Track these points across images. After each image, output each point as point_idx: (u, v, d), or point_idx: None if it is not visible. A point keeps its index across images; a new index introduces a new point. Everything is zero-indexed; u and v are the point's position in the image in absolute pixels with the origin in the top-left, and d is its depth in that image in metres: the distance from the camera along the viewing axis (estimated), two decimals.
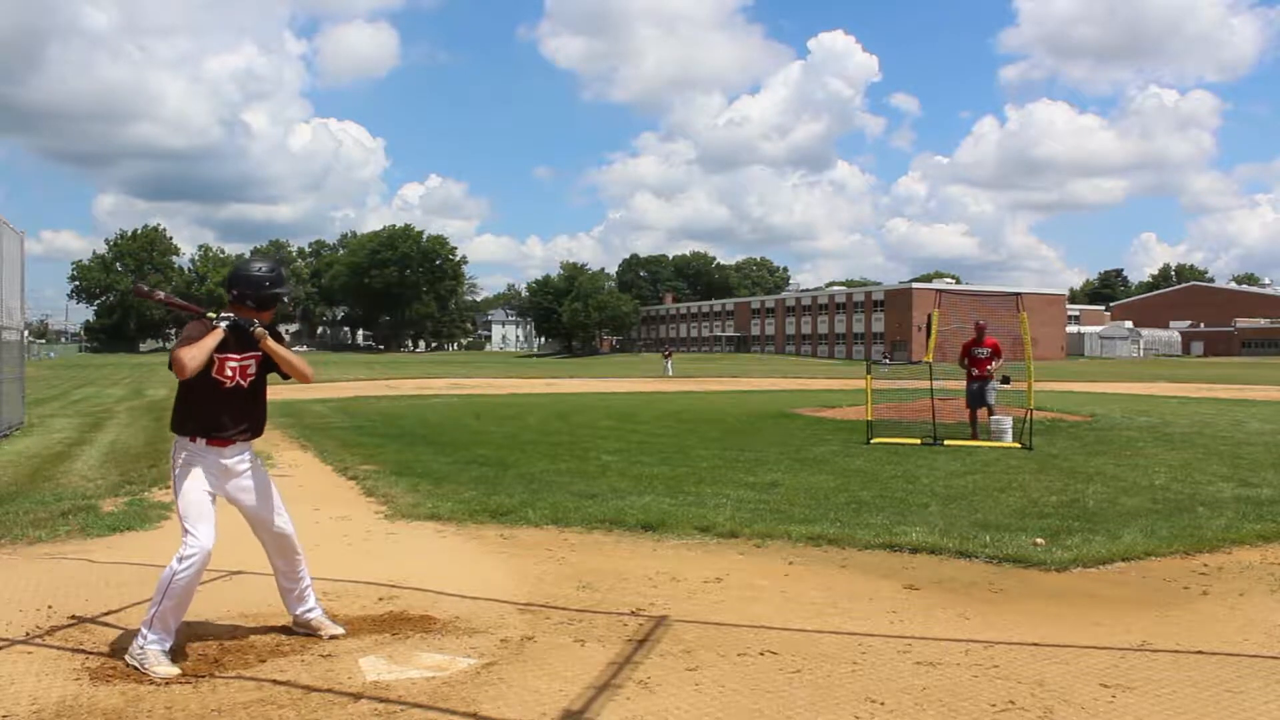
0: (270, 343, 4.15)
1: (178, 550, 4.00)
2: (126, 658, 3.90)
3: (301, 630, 4.34)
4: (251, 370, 4.20)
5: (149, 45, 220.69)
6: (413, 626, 4.45)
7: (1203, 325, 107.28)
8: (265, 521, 4.28)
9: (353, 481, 9.16)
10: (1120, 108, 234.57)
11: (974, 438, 12.75)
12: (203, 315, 4.11)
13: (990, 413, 13.09)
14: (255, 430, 4.30)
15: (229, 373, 4.12)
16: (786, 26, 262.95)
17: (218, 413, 4.13)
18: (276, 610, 4.62)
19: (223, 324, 4.06)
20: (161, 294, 4.44)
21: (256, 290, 4.17)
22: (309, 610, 4.35)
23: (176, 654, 3.99)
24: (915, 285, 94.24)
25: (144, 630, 3.91)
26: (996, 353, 13.17)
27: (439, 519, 7.20)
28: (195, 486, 4.09)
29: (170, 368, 3.99)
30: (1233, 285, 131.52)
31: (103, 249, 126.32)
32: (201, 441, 4.13)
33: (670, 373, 46.32)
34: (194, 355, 3.94)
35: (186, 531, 4.01)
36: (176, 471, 4.15)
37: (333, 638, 4.28)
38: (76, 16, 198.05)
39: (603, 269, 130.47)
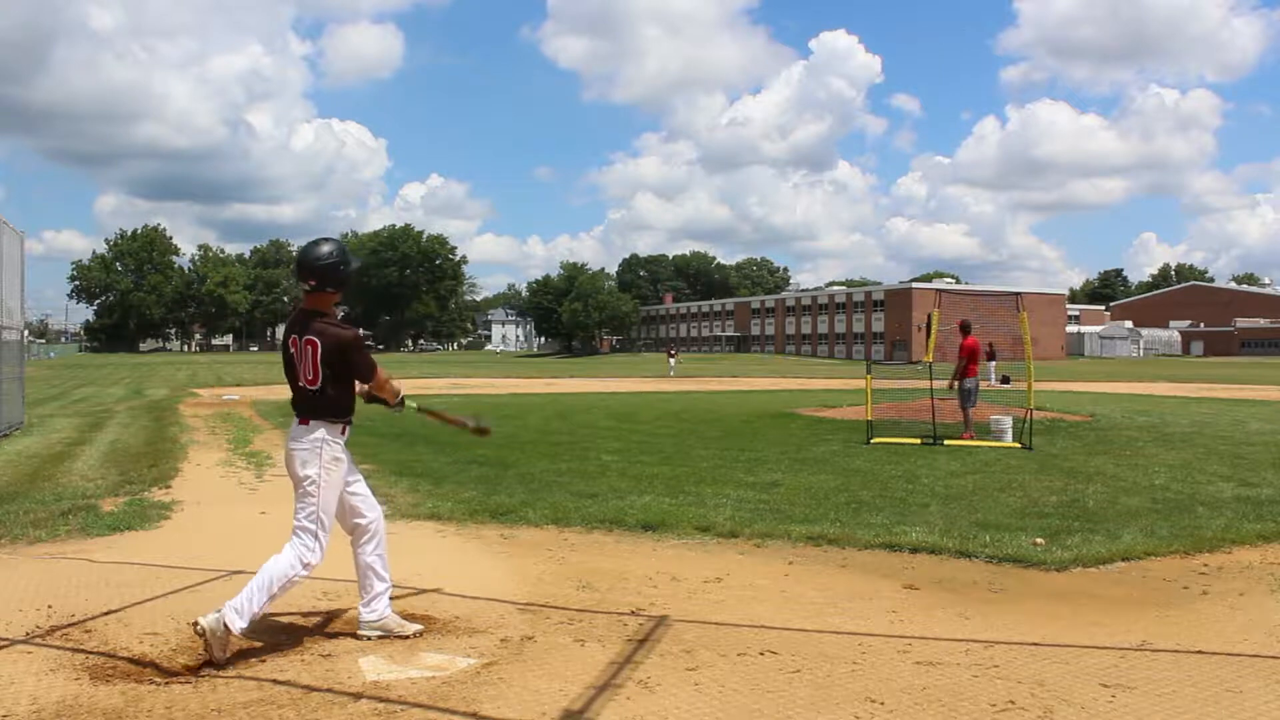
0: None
1: (300, 553, 4.06)
2: (222, 633, 3.86)
3: (376, 633, 4.32)
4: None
5: (154, 45, 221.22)
6: None
7: (1203, 325, 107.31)
8: (368, 495, 4.39)
9: None
10: (1121, 108, 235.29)
11: (965, 436, 12.75)
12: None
13: (964, 413, 13.12)
14: None
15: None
16: (789, 27, 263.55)
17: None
18: (276, 610, 4.62)
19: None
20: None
21: (335, 274, 4.21)
22: (385, 606, 4.39)
23: (177, 651, 4.01)
24: (915, 285, 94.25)
25: (242, 618, 3.91)
26: (964, 353, 13.12)
27: (439, 519, 7.20)
28: (340, 487, 4.18)
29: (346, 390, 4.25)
30: (1233, 285, 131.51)
31: (103, 249, 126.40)
32: (347, 430, 4.25)
33: (673, 372, 46.14)
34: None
35: (319, 536, 4.09)
36: (328, 467, 4.14)
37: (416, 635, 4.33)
38: (82, 17, 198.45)
39: (603, 269, 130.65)
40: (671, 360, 50.78)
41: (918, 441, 12.17)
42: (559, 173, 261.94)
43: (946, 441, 12.10)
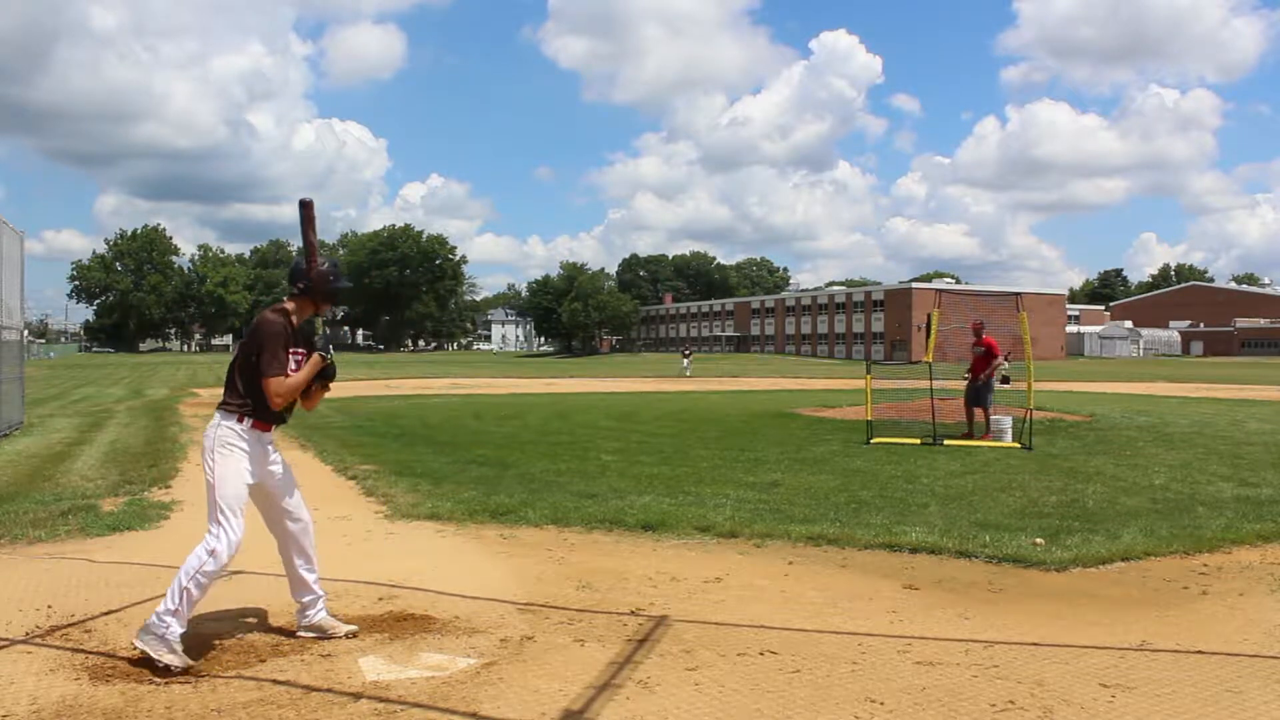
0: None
1: (206, 542, 3.97)
2: (145, 645, 3.83)
3: (312, 634, 4.27)
4: (302, 362, 4.24)
5: (155, 46, 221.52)
6: (413, 626, 4.45)
7: (1203, 325, 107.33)
8: (292, 507, 4.28)
9: (352, 481, 9.16)
10: (1121, 108, 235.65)
11: (968, 436, 12.75)
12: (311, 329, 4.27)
13: (986, 413, 13.05)
14: (287, 415, 4.35)
15: (292, 365, 4.18)
16: (790, 27, 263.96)
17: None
18: (276, 610, 4.62)
19: (328, 355, 4.24)
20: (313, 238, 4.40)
21: (325, 285, 4.22)
22: (319, 611, 4.30)
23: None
24: (915, 285, 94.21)
25: (169, 620, 3.85)
26: (992, 352, 13.12)
27: (439, 519, 7.20)
28: (241, 474, 4.07)
29: (255, 381, 4.07)
30: (1233, 285, 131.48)
31: (103, 249, 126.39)
32: (248, 423, 4.13)
33: (688, 372, 45.66)
34: (291, 391, 4.14)
35: (221, 523, 3.99)
36: (220, 452, 4.07)
37: (349, 635, 4.26)
38: (84, 17, 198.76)
39: (603, 269, 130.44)
40: (685, 360, 49.87)
41: (917, 441, 12.17)
42: (559, 173, 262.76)
43: (946, 441, 12.11)
